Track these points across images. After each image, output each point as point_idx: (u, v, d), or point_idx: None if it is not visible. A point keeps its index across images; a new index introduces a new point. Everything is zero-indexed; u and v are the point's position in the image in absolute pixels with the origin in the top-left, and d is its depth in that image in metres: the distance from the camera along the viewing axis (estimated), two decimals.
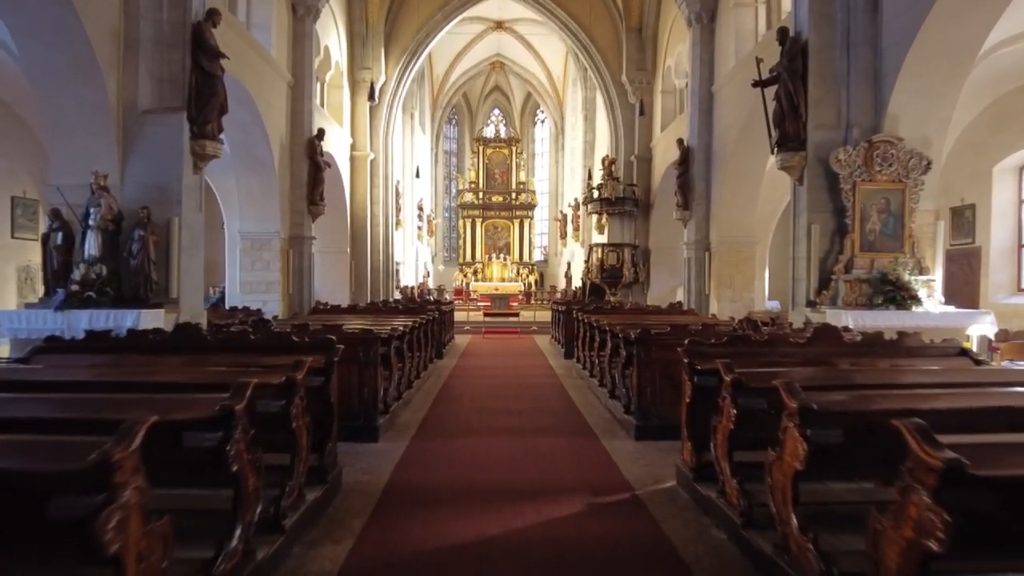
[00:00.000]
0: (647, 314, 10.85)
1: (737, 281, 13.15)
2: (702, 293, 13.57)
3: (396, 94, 18.61)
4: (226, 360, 4.45)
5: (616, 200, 17.40)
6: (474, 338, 16.59)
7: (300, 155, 13.21)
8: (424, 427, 6.61)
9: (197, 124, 7.64)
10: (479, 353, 13.31)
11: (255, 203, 12.61)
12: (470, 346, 14.72)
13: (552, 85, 31.26)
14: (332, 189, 16.79)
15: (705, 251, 13.52)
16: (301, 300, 13.20)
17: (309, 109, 13.44)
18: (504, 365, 11.32)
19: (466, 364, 11.43)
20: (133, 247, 7.15)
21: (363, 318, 9.98)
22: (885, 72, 7.76)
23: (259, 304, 12.68)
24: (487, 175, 32.89)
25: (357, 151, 17.91)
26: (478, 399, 8.14)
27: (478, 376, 10.02)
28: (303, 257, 13.29)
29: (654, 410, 6.14)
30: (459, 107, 35.57)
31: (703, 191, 13.58)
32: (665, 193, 17.34)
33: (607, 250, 17.41)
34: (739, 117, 12.29)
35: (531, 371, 10.72)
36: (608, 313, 10.83)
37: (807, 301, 8.02)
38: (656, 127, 17.84)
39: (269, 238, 12.72)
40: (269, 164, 12.33)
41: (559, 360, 12.10)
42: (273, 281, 12.74)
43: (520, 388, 8.96)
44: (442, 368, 10.78)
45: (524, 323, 17.79)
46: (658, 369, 6.18)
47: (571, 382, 9.54)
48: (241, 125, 11.77)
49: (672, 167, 16.17)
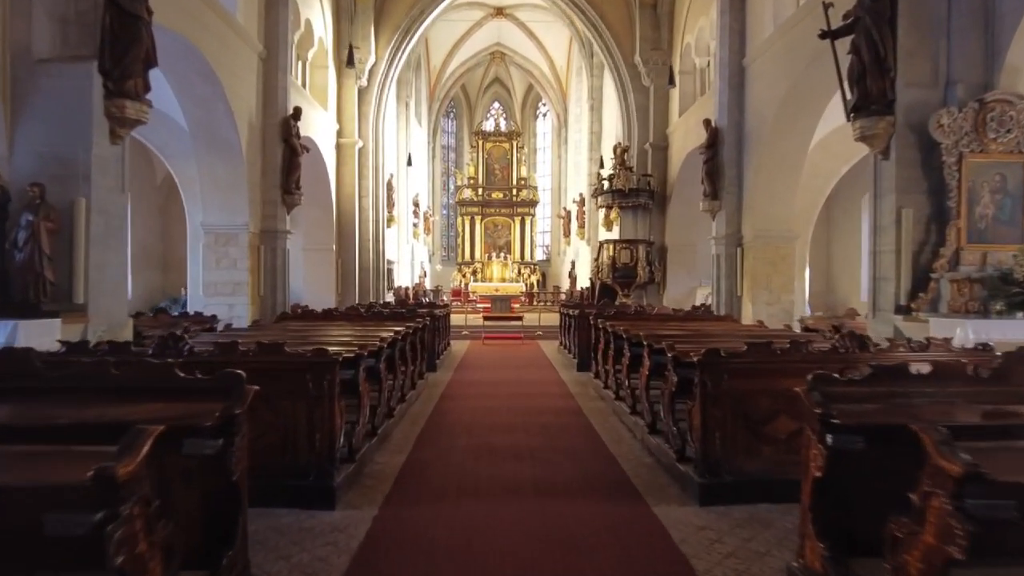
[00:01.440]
0: (679, 320, 9.03)
1: (774, 282, 11.33)
2: (733, 295, 11.76)
3: (387, 76, 16.78)
4: (57, 410, 2.64)
5: (630, 192, 15.57)
6: (473, 345, 14.76)
7: (273, 137, 11.38)
8: (402, 481, 4.77)
9: (113, 79, 5.81)
10: (478, 364, 11.48)
11: (220, 191, 10.78)
12: (468, 355, 12.89)
13: (555, 76, 29.43)
14: (316, 180, 14.99)
15: (737, 247, 11.71)
16: (274, 303, 11.37)
17: (284, 85, 11.60)
18: (507, 381, 9.49)
19: (463, 379, 9.60)
20: (19, 236, 5.32)
21: (340, 327, 8.16)
22: (1002, 12, 5.95)
23: (225, 308, 10.86)
24: (487, 171, 31.07)
25: (344, 138, 16.08)
26: (476, 432, 6.30)
27: (477, 397, 8.19)
28: (277, 254, 11.46)
29: (725, 463, 4.32)
30: (457, 100, 33.74)
31: (734, 178, 11.77)
32: (684, 184, 15.55)
33: (620, 247, 15.58)
34: (777, 92, 10.49)
35: (540, 388, 8.90)
36: (631, 319, 9.02)
37: (896, 306, 6.21)
38: (673, 112, 16.02)
39: (236, 232, 10.89)
40: (235, 146, 10.51)
41: (571, 373, 10.28)
42: (241, 281, 10.91)
43: (529, 414, 7.13)
44: (434, 385, 8.96)
45: (528, 327, 15.97)
46: (730, 405, 4.36)
47: (590, 404, 7.71)
48: (201, 100, 9.98)
49: (695, 154, 14.35)
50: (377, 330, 7.32)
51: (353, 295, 15.95)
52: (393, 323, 8.49)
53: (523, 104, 34.22)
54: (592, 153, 24.03)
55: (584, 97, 25.76)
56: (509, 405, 7.61)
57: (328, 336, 6.61)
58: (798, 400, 3.17)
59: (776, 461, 4.36)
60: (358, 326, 8.05)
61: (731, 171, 11.77)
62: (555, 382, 9.41)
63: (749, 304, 11.39)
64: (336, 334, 6.95)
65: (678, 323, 8.71)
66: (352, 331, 7.39)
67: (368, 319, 8.90)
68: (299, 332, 7.07)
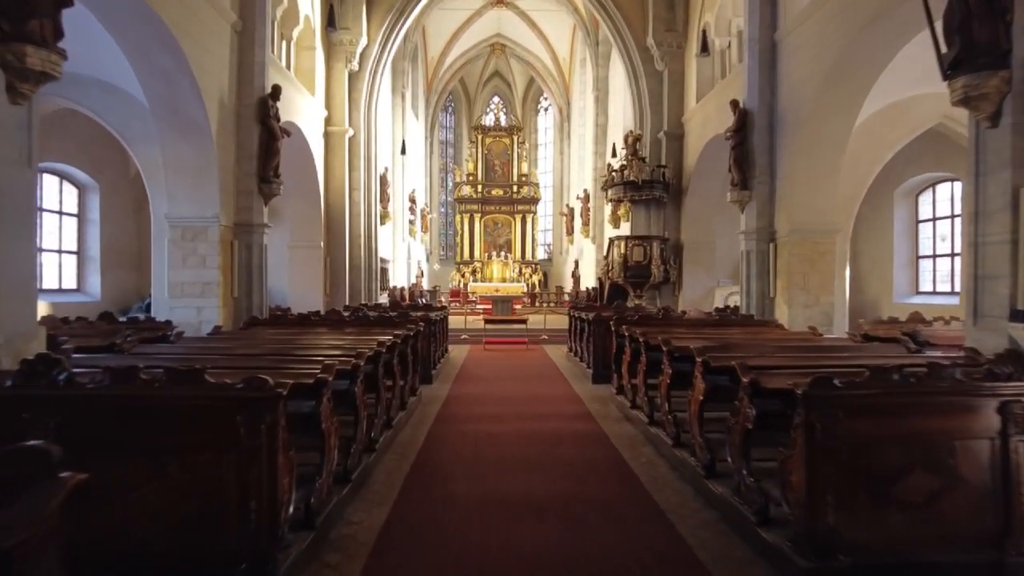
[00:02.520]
0: (713, 326, 7.69)
1: (812, 281, 9.99)
2: (765, 297, 10.41)
3: (380, 61, 15.41)
4: None
5: (643, 184, 14.22)
6: (473, 350, 13.41)
7: (248, 118, 10.01)
8: (381, 559, 3.41)
9: (10, 17, 4.44)
10: (480, 374, 10.12)
11: (187, 179, 9.42)
12: (468, 362, 11.53)
13: (557, 68, 28.10)
14: (303, 171, 13.64)
15: (769, 242, 10.36)
16: (249, 306, 10.00)
17: (261, 61, 10.23)
18: (514, 396, 8.13)
19: (463, 394, 8.24)
20: None
21: (316, 335, 6.81)
22: None
23: (192, 312, 9.51)
24: (486, 167, 29.74)
25: (333, 126, 14.71)
26: (480, 471, 4.95)
27: (479, 418, 6.83)
28: (253, 250, 10.09)
29: (840, 537, 2.98)
30: (456, 93, 32.40)
31: (765, 166, 10.42)
32: (702, 175, 14.22)
33: (632, 244, 14.23)
34: (820, 65, 9.15)
35: (553, 407, 7.55)
36: (658, 325, 7.67)
37: (1012, 312, 4.86)
38: (689, 97, 14.68)
39: (206, 225, 9.52)
40: (203, 127, 9.14)
41: (586, 385, 8.93)
42: (211, 281, 9.55)
43: (544, 443, 5.78)
44: (429, 401, 7.60)
45: (532, 331, 14.62)
46: (846, 456, 3.01)
47: (616, 428, 6.35)
48: (162, 73, 8.61)
49: (716, 142, 13.04)
50: (360, 339, 5.98)
51: (343, 296, 14.60)
52: (381, 330, 7.15)
53: (524, 98, 32.90)
54: (597, 147, 22.71)
55: (588, 88, 24.44)
56: (518, 430, 6.25)
57: (299, 350, 5.27)
58: (937, 448, 1.94)
59: (910, 534, 3.03)
60: (338, 335, 6.70)
61: (762, 158, 10.43)
62: (569, 398, 8.05)
63: (784, 306, 10.05)
64: (308, 346, 5.61)
65: (714, 330, 7.37)
66: (330, 341, 6.04)
67: (352, 325, 7.54)
68: (264, 343, 5.72)
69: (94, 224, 13.42)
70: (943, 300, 12.75)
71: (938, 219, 13.32)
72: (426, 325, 8.68)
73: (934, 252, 13.43)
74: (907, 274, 13.97)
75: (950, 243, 12.94)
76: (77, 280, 13.33)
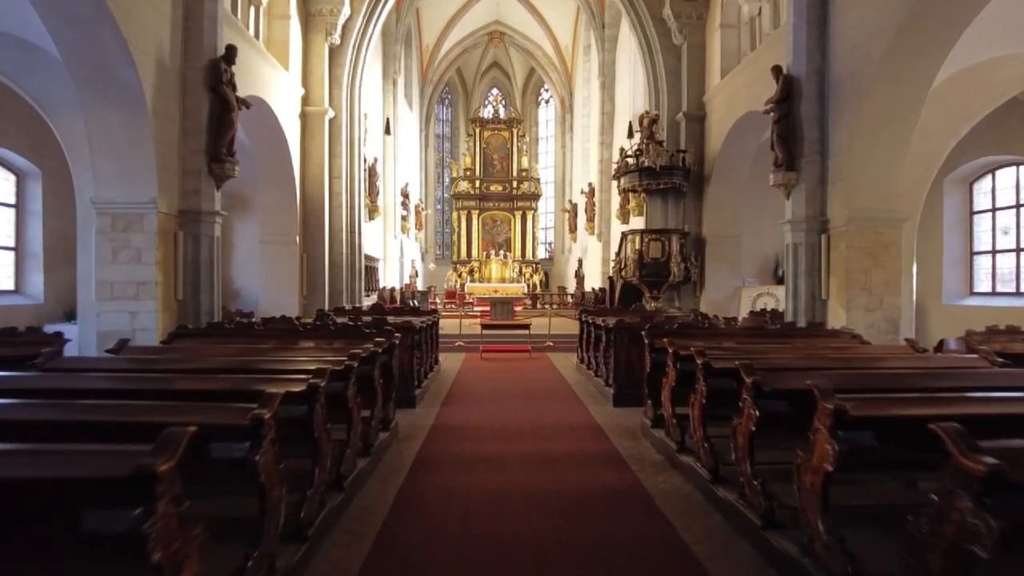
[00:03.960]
0: (774, 337, 5.91)
1: (875, 279, 8.22)
2: (815, 299, 8.64)
3: (365, 35, 13.62)
4: None
5: (661, 170, 12.43)
6: (469, 359, 11.63)
7: (196, 83, 8.22)
8: None
9: None
10: (474, 392, 8.32)
11: (116, 155, 7.63)
12: (462, 375, 9.74)
13: (559, 56, 26.35)
14: (276, 155, 11.90)
15: (821, 234, 8.59)
16: (197, 311, 8.20)
17: (213, 16, 8.42)
18: (517, 427, 6.32)
19: (451, 424, 6.43)
20: None
21: (251, 353, 5.04)
22: None
23: (125, 318, 7.75)
24: (484, 161, 27.97)
25: (311, 106, 12.93)
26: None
27: (470, 467, 5.00)
28: (202, 243, 8.29)
29: None
30: (452, 85, 30.66)
31: (815, 142, 8.65)
32: (728, 161, 12.46)
33: (649, 239, 12.45)
34: (888, 20, 7.39)
35: (569, 443, 5.76)
36: (704, 336, 5.90)
37: None
38: (712, 74, 12.91)
39: (141, 212, 7.73)
40: (135, 91, 7.35)
41: (605, 408, 7.13)
42: (148, 281, 7.75)
43: (563, 515, 3.98)
44: (407, 437, 5.81)
45: (536, 337, 12.83)
46: None
47: (663, 483, 4.55)
48: (76, 20, 6.85)
49: (744, 123, 11.33)
50: (315, 358, 4.22)
51: (321, 298, 12.80)
52: (347, 343, 5.38)
53: (524, 90, 31.18)
54: (603, 137, 20.97)
55: (593, 76, 22.71)
56: (525, 485, 4.45)
57: (201, 381, 3.50)
58: None
59: None
60: (284, 354, 4.91)
61: (812, 132, 8.65)
62: (588, 428, 6.25)
63: (839, 310, 8.27)
64: (224, 376, 3.83)
65: (779, 342, 5.60)
66: (268, 364, 4.27)
67: (308, 337, 5.75)
68: (157, 371, 3.95)
69: (35, 216, 11.60)
70: (1005, 302, 10.98)
71: (998, 209, 11.55)
72: (406, 336, 6.89)
73: (993, 248, 11.66)
74: (959, 272, 12.19)
75: (1015, 236, 11.17)
76: (15, 280, 11.51)
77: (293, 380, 3.38)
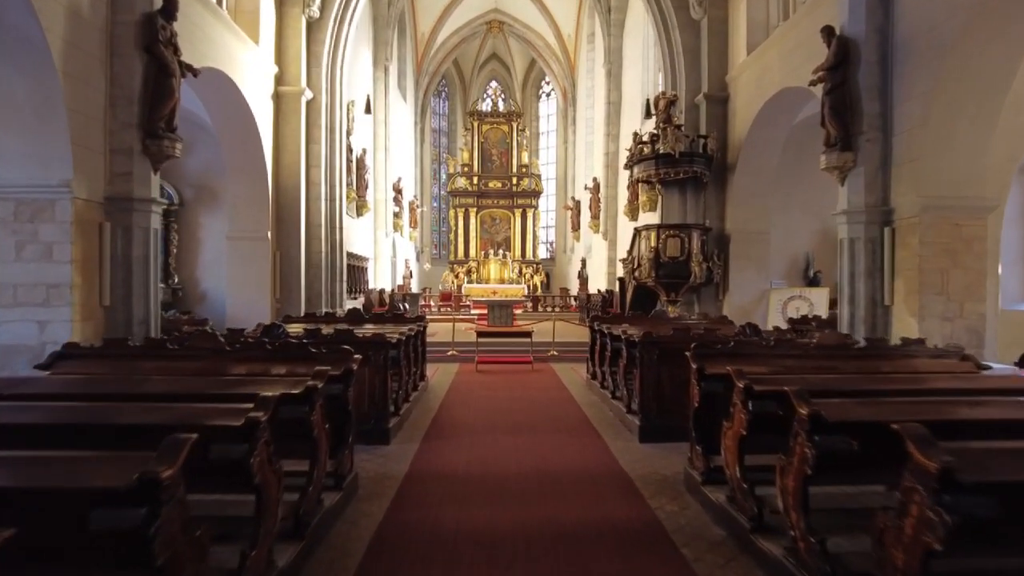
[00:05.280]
0: (865, 359, 4.37)
1: (955, 282, 6.68)
2: (876, 304, 7.09)
3: (348, 6, 12.06)
4: None
5: (681, 157, 10.87)
6: (463, 372, 10.09)
7: (126, 42, 6.66)
8: None
9: None
10: (465, 421, 6.75)
11: (20, 128, 6.09)
12: (453, 396, 8.18)
13: (562, 45, 24.79)
14: (244, 140, 10.42)
15: (884, 226, 7.04)
16: (129, 319, 6.65)
17: None
18: (519, 478, 4.73)
19: (432, 472, 4.86)
20: None
21: (141, 388, 3.50)
22: None
23: (31, 330, 6.22)
24: (483, 156, 26.41)
25: (286, 86, 11.38)
26: None
27: (452, 562, 3.43)
28: (135, 237, 6.73)
29: None
30: (449, 77, 29.11)
31: (877, 116, 7.11)
32: (756, 148, 10.92)
33: (666, 235, 10.90)
34: None
35: (590, 508, 4.21)
36: (767, 358, 4.35)
37: None
38: (736, 50, 11.35)
39: (52, 198, 6.18)
40: (39, 47, 5.80)
41: (631, 445, 5.57)
42: (61, 283, 6.20)
43: None
44: (368, 496, 4.25)
45: (538, 345, 11.28)
46: None
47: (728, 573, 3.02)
48: None
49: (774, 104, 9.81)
50: (199, 412, 2.70)
51: (297, 301, 11.25)
52: (289, 368, 3.84)
53: (524, 83, 29.63)
54: (609, 128, 19.41)
55: (598, 64, 21.17)
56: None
57: None
58: None
59: None
60: (207, 382, 3.36)
61: (872, 104, 7.10)
62: (612, 479, 4.67)
63: (909, 319, 6.73)
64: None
65: (876, 369, 4.05)
66: (125, 413, 2.73)
67: (236, 360, 4.19)
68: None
69: None
70: None
71: None
72: (378, 353, 5.33)
73: None
74: (1018, 273, 10.65)
75: None
76: None
77: (142, 452, 1.86)
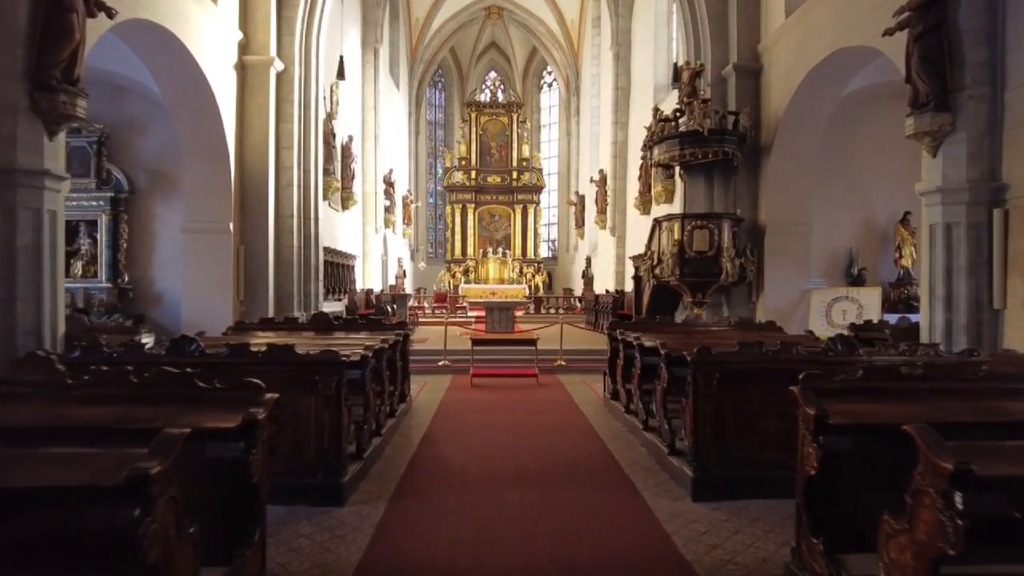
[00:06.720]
0: None
1: None
2: (980, 308, 5.48)
3: None
4: None
5: (710, 135, 9.24)
6: (455, 387, 8.47)
7: None
8: None
9: None
10: (455, 466, 5.11)
11: None
12: (440, 423, 6.54)
13: (564, 31, 23.17)
14: (200, 116, 8.83)
15: (994, 207, 5.43)
16: (12, 330, 5.02)
17: None
18: (532, 560, 3.16)
19: (403, 558, 3.26)
20: None
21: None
22: None
23: None
24: (481, 150, 24.78)
25: (253, 55, 9.73)
26: None
27: None
28: (20, 222, 5.09)
29: None
30: (446, 67, 27.49)
31: (983, 65, 5.49)
32: (795, 126, 9.32)
33: (692, 226, 9.28)
34: None
35: None
36: (907, 397, 2.73)
37: None
38: (771, 15, 9.73)
39: None
40: None
41: (679, 502, 3.97)
42: None
43: None
44: None
45: (544, 354, 9.65)
46: None
47: None
48: None
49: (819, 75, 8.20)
50: None
51: (264, 304, 9.62)
52: (152, 412, 2.22)
53: (524, 74, 28.02)
54: (617, 115, 17.77)
55: (604, 50, 19.59)
56: None
57: None
58: None
59: None
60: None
61: (978, 52, 5.49)
62: (669, 570, 3.06)
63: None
64: None
65: None
66: None
67: (80, 401, 2.59)
68: None
69: None
70: None
71: None
72: (326, 380, 3.72)
73: None
74: None
75: None
76: None
77: None
